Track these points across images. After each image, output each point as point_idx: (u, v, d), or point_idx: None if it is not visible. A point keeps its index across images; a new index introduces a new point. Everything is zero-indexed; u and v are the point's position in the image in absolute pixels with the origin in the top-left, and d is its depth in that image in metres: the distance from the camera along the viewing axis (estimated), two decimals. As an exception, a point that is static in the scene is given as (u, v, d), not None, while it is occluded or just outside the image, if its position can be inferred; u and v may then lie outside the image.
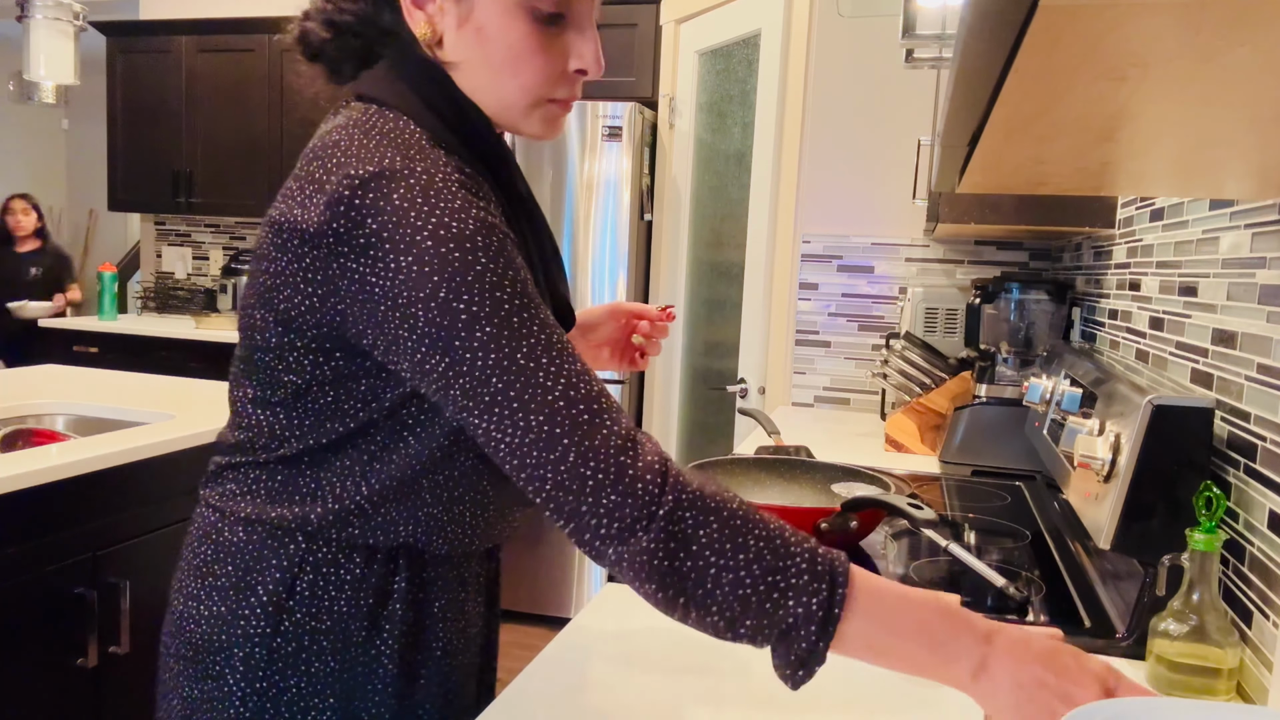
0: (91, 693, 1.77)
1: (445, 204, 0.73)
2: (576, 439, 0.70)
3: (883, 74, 2.59)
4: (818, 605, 0.69)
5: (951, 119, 0.60)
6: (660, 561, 0.69)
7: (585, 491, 0.70)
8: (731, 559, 0.70)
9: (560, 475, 0.70)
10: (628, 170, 3.26)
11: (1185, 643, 0.93)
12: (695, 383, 3.29)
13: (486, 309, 0.71)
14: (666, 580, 0.70)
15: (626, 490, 0.70)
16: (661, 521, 0.69)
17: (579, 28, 0.82)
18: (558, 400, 0.71)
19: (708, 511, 0.71)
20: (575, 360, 0.74)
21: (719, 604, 0.70)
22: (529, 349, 0.72)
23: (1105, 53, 0.40)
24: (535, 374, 0.71)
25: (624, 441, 0.72)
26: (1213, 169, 0.74)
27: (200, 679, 0.86)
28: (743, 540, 0.70)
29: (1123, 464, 1.05)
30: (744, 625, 0.70)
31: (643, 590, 0.71)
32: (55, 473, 1.66)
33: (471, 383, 0.72)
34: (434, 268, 0.71)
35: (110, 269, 4.81)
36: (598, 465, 0.70)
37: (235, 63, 4.45)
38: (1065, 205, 1.77)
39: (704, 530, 0.70)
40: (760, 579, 0.69)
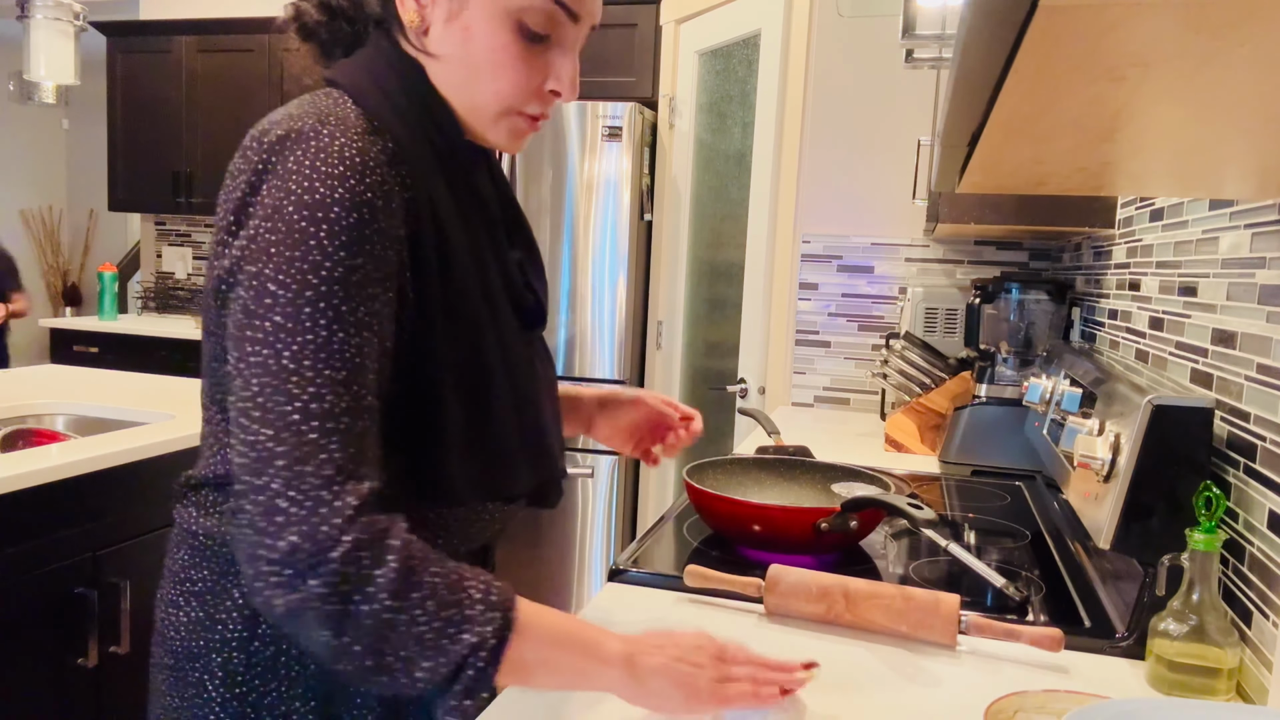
0: (91, 693, 1.77)
1: (326, 169, 0.72)
2: (289, 462, 0.68)
3: (883, 74, 2.59)
4: (492, 632, 0.70)
5: (951, 119, 0.60)
6: (332, 607, 0.67)
7: (271, 528, 0.68)
8: (406, 599, 0.68)
9: (259, 505, 0.68)
10: (628, 170, 3.26)
11: (1185, 643, 0.93)
12: (695, 383, 3.29)
13: (290, 292, 0.70)
14: (340, 625, 0.67)
15: (311, 530, 0.67)
16: (337, 564, 0.67)
17: (561, 50, 0.83)
18: (294, 413, 0.69)
19: (386, 549, 0.69)
20: (344, 366, 0.71)
21: (394, 647, 0.68)
22: (299, 348, 0.70)
23: (1105, 53, 0.40)
24: (289, 380, 0.69)
25: (336, 472, 0.69)
26: (1213, 169, 0.74)
27: (181, 687, 0.85)
28: (417, 579, 0.69)
29: (1123, 464, 1.05)
30: (420, 668, 0.69)
31: (313, 640, 0.69)
32: (55, 473, 1.66)
33: (241, 384, 0.71)
34: (279, 237, 0.71)
35: (110, 269, 4.81)
36: (295, 498, 0.68)
37: (235, 63, 4.45)
38: (1065, 205, 1.77)
39: (381, 570, 0.68)
40: (435, 615, 0.69)
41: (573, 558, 3.40)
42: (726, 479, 1.47)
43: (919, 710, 0.89)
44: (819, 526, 1.23)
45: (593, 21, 0.85)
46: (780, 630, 1.06)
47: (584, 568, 3.41)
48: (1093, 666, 1.02)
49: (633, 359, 3.40)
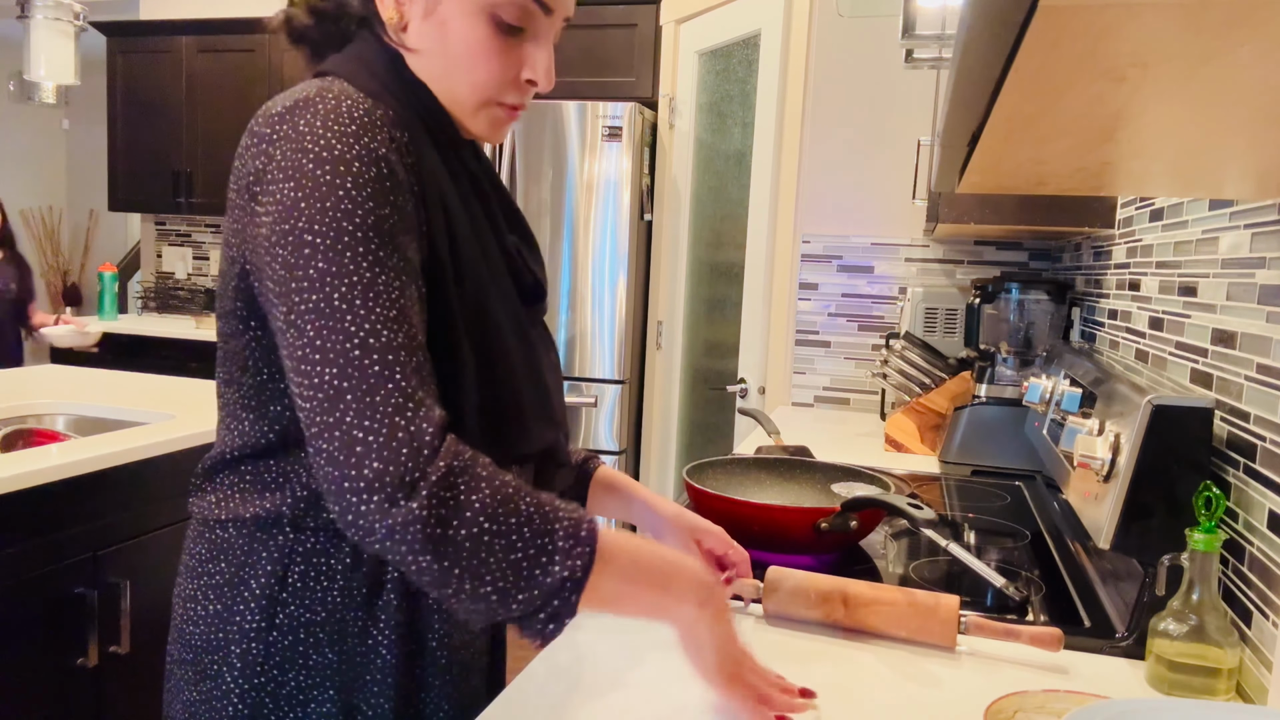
0: (91, 693, 1.77)
1: (339, 127, 0.75)
2: (358, 395, 0.71)
3: (883, 74, 2.59)
4: (580, 567, 0.73)
5: (951, 119, 0.60)
6: (433, 529, 0.70)
7: (353, 459, 0.70)
8: (504, 524, 0.71)
9: (336, 440, 0.71)
10: (628, 170, 3.26)
11: (1185, 642, 0.93)
12: (695, 383, 3.29)
13: (328, 239, 0.72)
14: (440, 549, 0.70)
15: (392, 456, 0.70)
16: (434, 486, 0.70)
17: (536, 40, 0.86)
18: (354, 349, 0.72)
19: (478, 478, 0.72)
20: (393, 305, 0.74)
21: (493, 573, 0.71)
22: (348, 288, 0.72)
23: (1105, 53, 0.40)
24: (343, 319, 0.72)
25: (406, 401, 0.72)
26: (1213, 169, 0.74)
27: (199, 680, 0.85)
28: (515, 505, 0.73)
29: (1122, 464, 1.05)
30: (515, 600, 0.72)
31: (416, 565, 0.71)
32: (55, 473, 1.66)
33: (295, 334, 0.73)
34: (305, 192, 0.73)
35: (110, 269, 4.81)
36: (371, 427, 0.70)
37: (235, 63, 4.45)
38: (1065, 205, 1.77)
39: (476, 495, 0.71)
40: (531, 543, 0.72)
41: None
42: (726, 479, 1.47)
43: (919, 710, 0.89)
44: (819, 526, 1.23)
45: (565, 14, 0.87)
46: (779, 633, 1.06)
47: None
48: (1093, 666, 1.02)
49: (633, 359, 3.40)
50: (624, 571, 0.76)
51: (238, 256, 0.80)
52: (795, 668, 0.97)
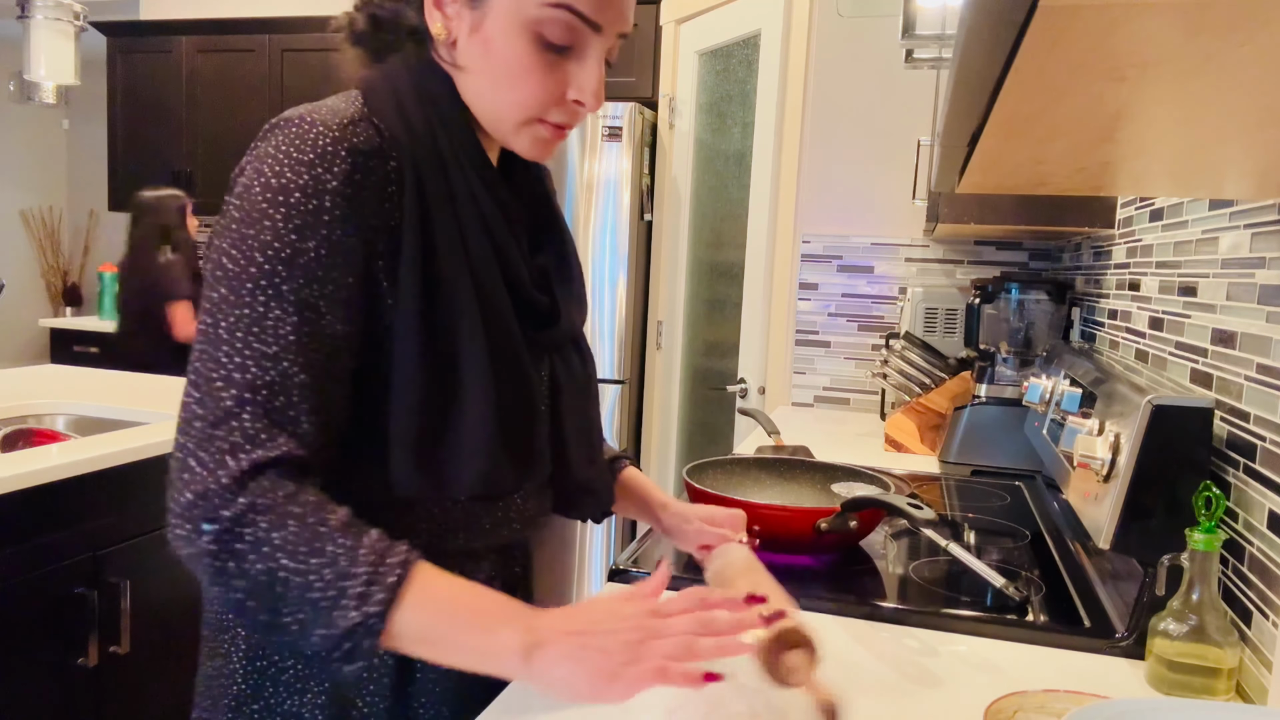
0: (91, 693, 1.77)
1: (296, 154, 0.76)
2: (205, 426, 0.72)
3: (883, 74, 2.59)
4: (376, 613, 0.69)
5: (951, 119, 0.61)
6: (223, 562, 0.70)
7: (178, 483, 0.72)
8: (304, 563, 0.70)
9: (177, 462, 0.73)
10: (628, 170, 3.26)
11: (1185, 642, 0.93)
12: (695, 383, 3.29)
13: (237, 266, 0.74)
14: (229, 581, 0.70)
15: (205, 488, 0.71)
16: (227, 521, 0.70)
17: (583, 60, 0.83)
18: (217, 380, 0.73)
19: (287, 514, 0.71)
20: (275, 342, 0.74)
21: (290, 607, 0.70)
22: (235, 320, 0.74)
23: (1105, 53, 0.40)
24: (220, 348, 0.74)
25: (244, 440, 0.72)
26: (1212, 169, 0.74)
27: (212, 656, 0.89)
28: (319, 545, 0.70)
29: (1122, 464, 1.05)
30: (315, 634, 0.70)
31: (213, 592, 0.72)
32: (55, 473, 1.66)
33: (193, 351, 0.75)
34: (240, 215, 0.75)
35: (110, 269, 4.81)
36: (204, 459, 0.71)
37: (235, 63, 4.45)
38: (1065, 205, 1.77)
39: (279, 532, 0.70)
40: (330, 585, 0.70)
41: (573, 557, 3.40)
42: (726, 479, 1.47)
43: (919, 710, 0.89)
44: (819, 526, 1.23)
45: (620, 29, 0.84)
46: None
47: (584, 567, 3.41)
48: (1093, 666, 1.02)
49: (633, 359, 3.40)
50: (435, 615, 0.72)
51: None
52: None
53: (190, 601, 2.00)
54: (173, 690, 1.96)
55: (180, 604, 1.98)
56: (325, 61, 4.33)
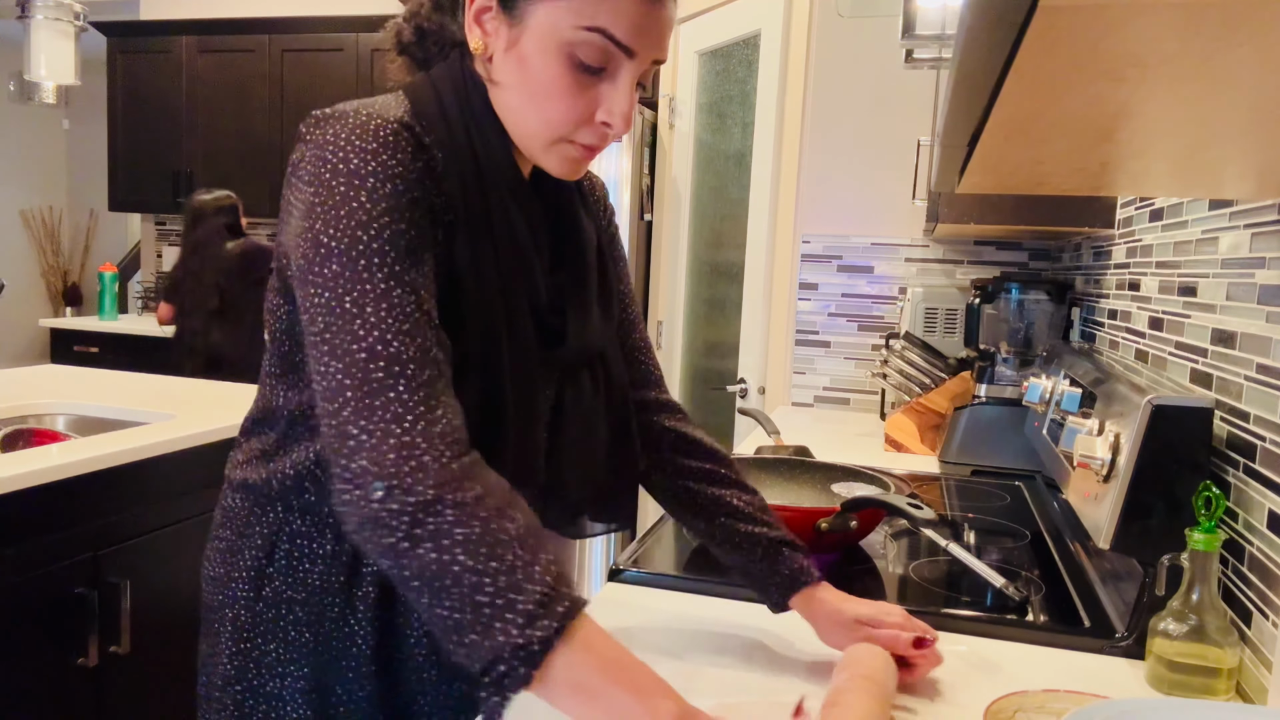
0: (92, 693, 1.77)
1: (362, 143, 0.77)
2: (360, 395, 0.71)
3: (883, 74, 2.59)
4: (538, 640, 0.67)
5: (951, 119, 0.61)
6: (397, 541, 0.68)
7: (345, 450, 0.70)
8: (481, 564, 0.68)
9: (333, 429, 0.71)
10: (628, 170, 3.26)
11: (1185, 642, 0.93)
12: (695, 383, 3.29)
13: (343, 244, 0.74)
14: (399, 560, 0.69)
15: (380, 457, 0.69)
16: (413, 507, 0.68)
17: (616, 83, 0.83)
18: (360, 352, 0.72)
19: (474, 516, 0.69)
20: (406, 319, 0.74)
21: (454, 600, 0.68)
22: (359, 295, 0.73)
23: (1105, 53, 0.40)
24: (353, 321, 0.73)
25: (406, 412, 0.71)
26: (1212, 169, 0.74)
27: (208, 635, 0.93)
28: (499, 553, 0.68)
29: (1122, 464, 1.05)
30: (467, 636, 0.67)
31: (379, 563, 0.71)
32: (55, 473, 1.66)
33: (308, 320, 0.75)
34: (321, 198, 0.76)
35: (110, 269, 4.81)
36: (366, 425, 0.70)
37: (235, 63, 4.45)
38: (1065, 205, 1.77)
39: (462, 529, 0.69)
40: (499, 593, 0.67)
41: (573, 558, 3.40)
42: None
43: (919, 710, 0.89)
44: (819, 526, 1.23)
45: (655, 56, 0.84)
46: (785, 624, 1.06)
47: (584, 568, 3.41)
48: (1093, 666, 1.02)
49: (633, 359, 3.40)
50: (596, 665, 0.69)
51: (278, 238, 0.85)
52: (794, 667, 0.97)
53: (190, 601, 2.00)
54: (173, 690, 1.96)
55: (180, 604, 1.98)
56: (325, 61, 4.33)
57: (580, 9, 0.78)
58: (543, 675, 0.67)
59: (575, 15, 0.78)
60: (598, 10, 0.78)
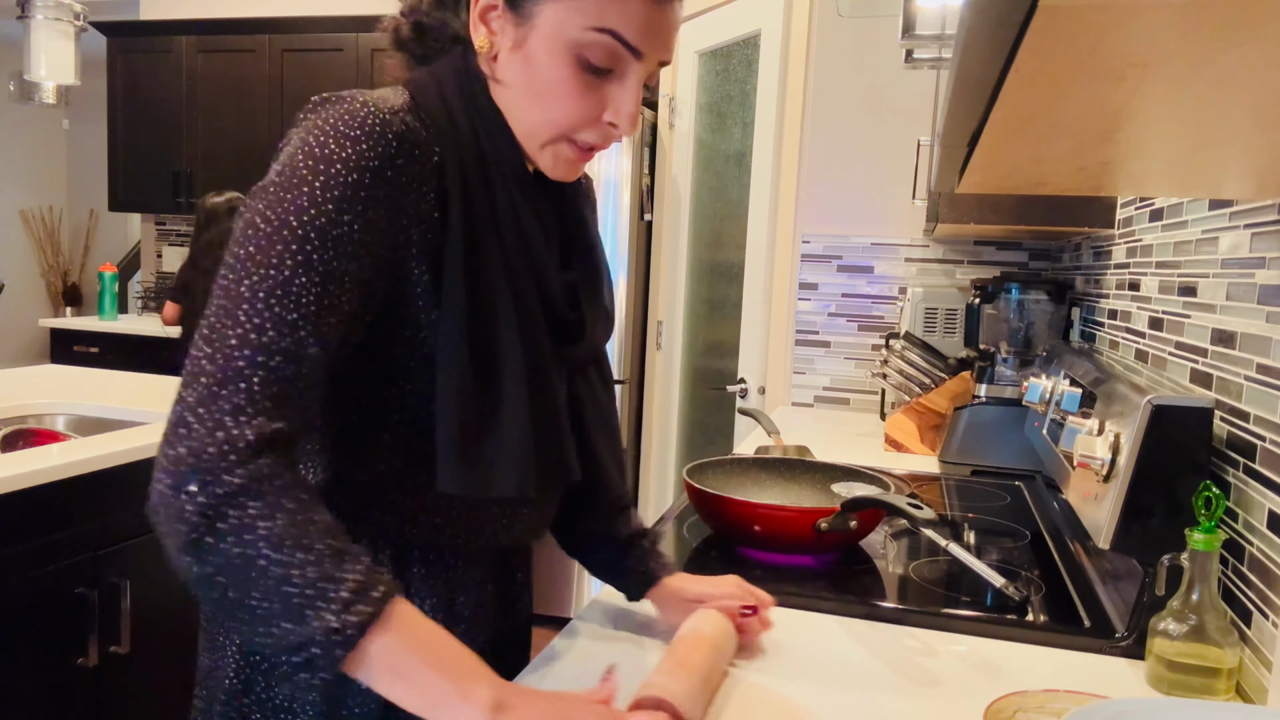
0: (91, 693, 1.78)
1: (343, 128, 0.75)
2: (211, 383, 0.69)
3: (883, 74, 2.59)
4: (355, 623, 0.67)
5: (951, 119, 0.61)
6: (198, 536, 0.67)
7: (171, 437, 0.69)
8: (287, 556, 0.67)
9: (174, 413, 0.70)
10: (628, 170, 3.26)
11: (1185, 642, 0.93)
12: (695, 383, 3.29)
13: (270, 226, 0.72)
14: (199, 555, 0.67)
15: (200, 448, 0.68)
16: (216, 498, 0.67)
17: (623, 83, 0.83)
18: (232, 339, 0.70)
19: (278, 508, 0.68)
20: (295, 309, 0.72)
21: (259, 594, 0.67)
22: (259, 280, 0.71)
23: (1105, 53, 0.40)
24: (239, 305, 0.71)
25: (247, 403, 0.69)
26: (1212, 169, 0.74)
27: (210, 648, 0.91)
28: (308, 543, 0.68)
29: (1122, 464, 1.05)
30: (276, 628, 0.67)
31: (176, 561, 0.69)
32: (55, 473, 1.66)
33: (210, 300, 0.73)
34: (283, 178, 0.74)
35: (110, 269, 4.81)
36: (203, 415, 0.69)
37: (235, 63, 4.45)
38: (1065, 205, 1.77)
39: (266, 522, 0.67)
40: (309, 584, 0.67)
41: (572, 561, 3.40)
42: (726, 479, 1.47)
43: (919, 710, 0.89)
44: (819, 526, 1.23)
45: (661, 58, 0.84)
46: (785, 624, 1.06)
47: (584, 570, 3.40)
48: (1093, 666, 1.02)
49: (633, 359, 3.40)
50: (410, 647, 0.69)
51: None
52: (793, 666, 0.97)
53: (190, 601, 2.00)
54: (173, 690, 1.96)
55: (180, 604, 1.97)
56: (325, 61, 4.33)
57: (589, 10, 0.78)
58: (358, 658, 0.67)
59: (584, 16, 0.78)
60: (606, 11, 0.78)
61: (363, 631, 0.67)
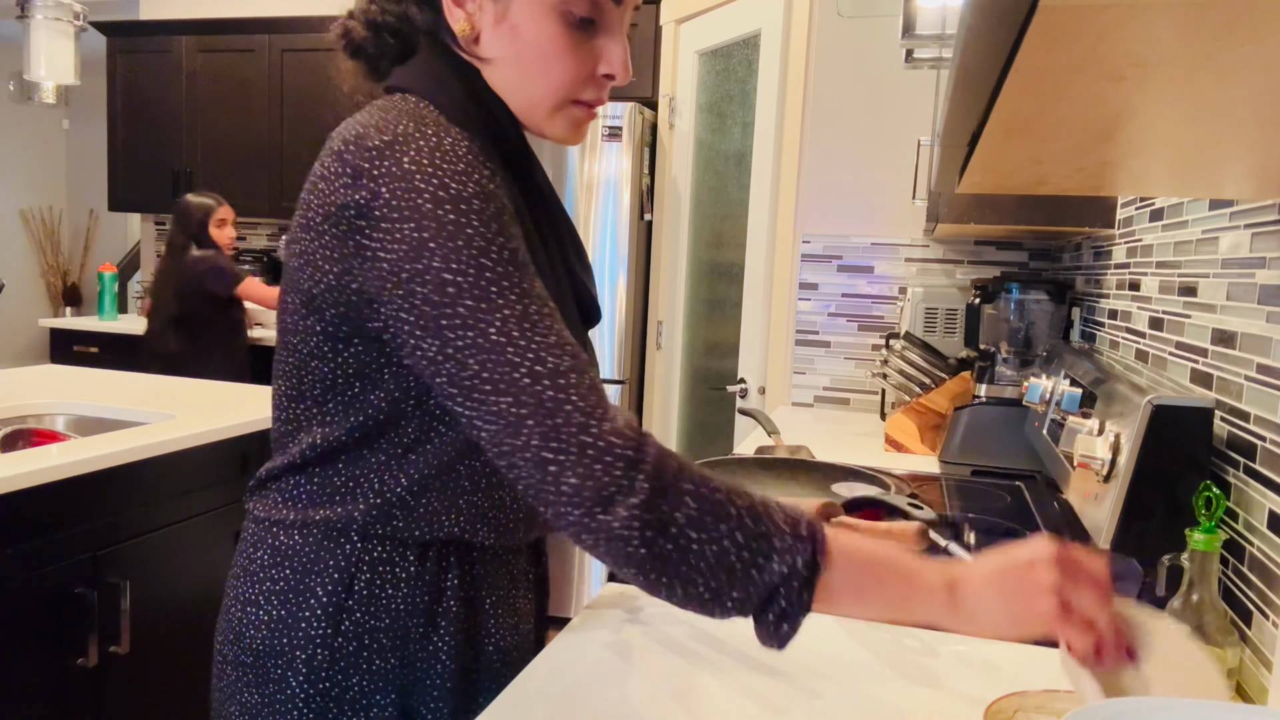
0: (91, 693, 1.77)
1: (449, 166, 0.75)
2: (539, 419, 0.71)
3: (883, 74, 2.59)
4: (803, 564, 0.71)
5: (951, 119, 0.61)
6: (636, 549, 0.70)
7: (547, 477, 0.71)
8: (714, 530, 0.71)
9: (527, 461, 0.71)
10: (628, 170, 3.26)
11: (1185, 642, 0.92)
12: (695, 383, 3.29)
13: (470, 277, 0.72)
14: (646, 565, 0.71)
15: (585, 472, 0.70)
16: (636, 509, 0.70)
17: (609, 33, 0.84)
18: (523, 378, 0.72)
19: (683, 492, 0.72)
20: (549, 332, 0.74)
21: (704, 577, 0.71)
22: (502, 322, 0.72)
23: (1105, 53, 0.40)
24: (505, 350, 0.72)
25: (587, 420, 0.72)
26: (1212, 169, 0.74)
27: (260, 684, 0.86)
28: (723, 510, 0.72)
29: (1122, 464, 1.05)
30: (729, 598, 0.71)
31: (624, 573, 0.72)
32: (55, 473, 1.66)
33: (455, 366, 0.73)
34: (431, 233, 0.73)
35: (110, 269, 4.81)
36: (558, 446, 0.71)
37: (235, 63, 4.45)
38: (1065, 205, 1.77)
39: (681, 511, 0.71)
40: (744, 545, 0.71)
41: (574, 558, 3.40)
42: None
43: (919, 710, 0.89)
44: (819, 526, 1.23)
45: (635, 1, 0.85)
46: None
47: (585, 568, 3.41)
48: (1093, 666, 1.02)
49: (633, 359, 3.40)
50: (860, 565, 0.74)
51: (335, 283, 0.78)
52: (793, 666, 0.97)
53: (190, 601, 2.00)
54: (172, 690, 1.96)
55: (180, 604, 1.98)
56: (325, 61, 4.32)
57: None
58: (823, 594, 0.72)
59: None
60: None
61: (813, 570, 0.71)
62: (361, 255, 0.76)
